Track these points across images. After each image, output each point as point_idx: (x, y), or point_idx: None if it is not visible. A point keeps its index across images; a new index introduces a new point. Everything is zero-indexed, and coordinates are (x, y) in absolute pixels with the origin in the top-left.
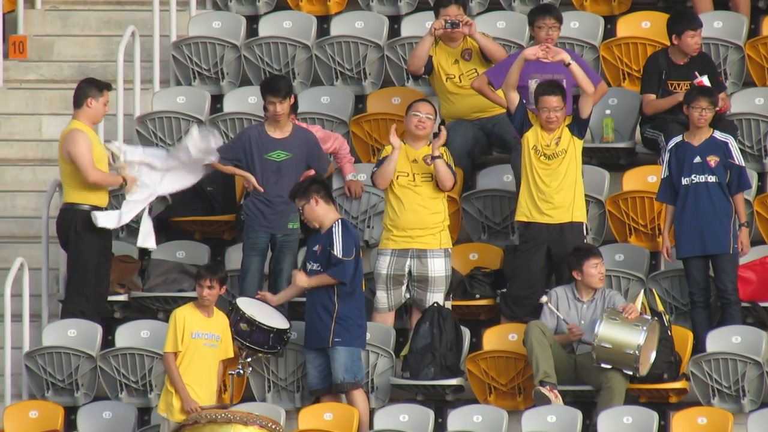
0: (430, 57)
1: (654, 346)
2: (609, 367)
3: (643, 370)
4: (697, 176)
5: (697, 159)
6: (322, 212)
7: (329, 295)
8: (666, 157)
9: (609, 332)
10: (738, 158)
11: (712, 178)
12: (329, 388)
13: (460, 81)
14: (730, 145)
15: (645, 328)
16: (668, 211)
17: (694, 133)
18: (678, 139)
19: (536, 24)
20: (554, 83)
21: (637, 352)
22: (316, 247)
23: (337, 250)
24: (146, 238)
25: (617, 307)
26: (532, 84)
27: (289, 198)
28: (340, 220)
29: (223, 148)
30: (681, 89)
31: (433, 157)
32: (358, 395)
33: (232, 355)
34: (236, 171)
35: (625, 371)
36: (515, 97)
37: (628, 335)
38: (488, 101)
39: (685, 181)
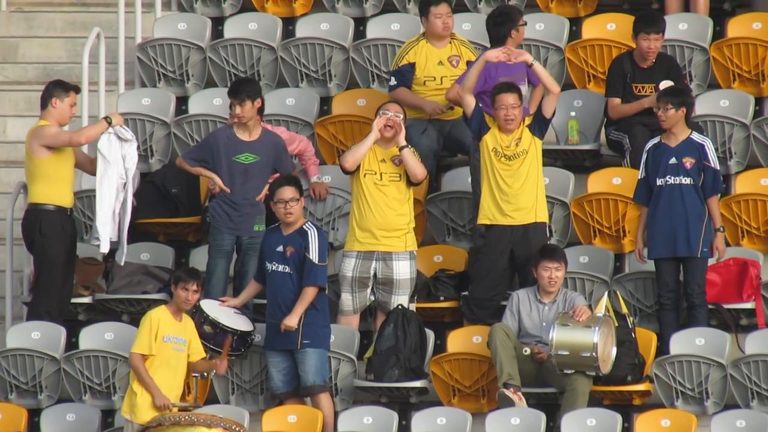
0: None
1: (613, 342)
2: (572, 372)
3: (605, 368)
4: (672, 177)
5: (673, 160)
6: (301, 211)
7: (294, 296)
8: (643, 158)
9: (563, 338)
10: (713, 161)
11: (686, 180)
12: (294, 391)
13: (441, 83)
14: (706, 147)
15: (597, 327)
16: (643, 213)
17: (670, 135)
18: (656, 140)
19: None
20: (510, 83)
21: (594, 353)
22: (281, 248)
23: (314, 256)
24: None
25: (568, 311)
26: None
27: (294, 187)
28: (313, 224)
29: (191, 149)
30: (646, 92)
31: (401, 148)
32: (325, 398)
33: (203, 356)
34: (203, 172)
35: (588, 373)
36: (471, 101)
37: (582, 338)
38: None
39: (659, 182)
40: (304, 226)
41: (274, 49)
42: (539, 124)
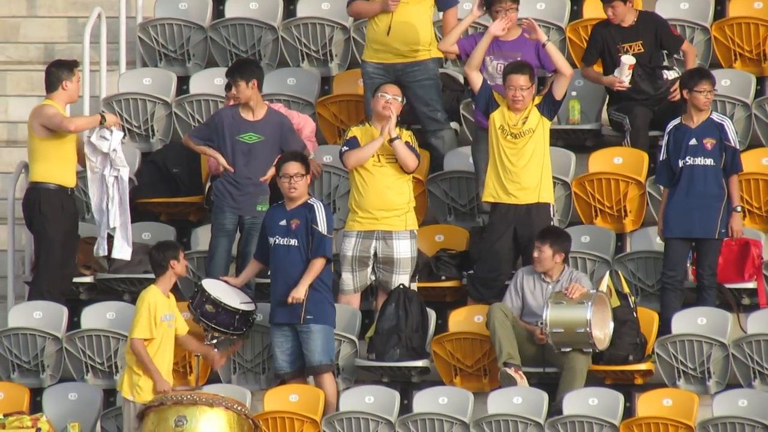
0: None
1: (609, 317)
2: (569, 349)
3: (602, 345)
4: (692, 158)
5: (693, 141)
6: (306, 188)
7: (301, 269)
8: (665, 139)
9: (557, 316)
10: (734, 140)
11: (707, 161)
12: (298, 371)
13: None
14: (726, 126)
15: (590, 302)
16: (664, 194)
17: (691, 116)
18: (676, 121)
19: (494, 8)
20: (523, 63)
21: (587, 328)
22: (284, 222)
23: (322, 227)
24: (121, 248)
25: (562, 289)
26: (489, 62)
27: (300, 163)
28: (316, 200)
29: (197, 128)
30: (634, 51)
31: (391, 140)
32: (329, 377)
33: (187, 330)
34: (207, 151)
35: (585, 350)
36: (478, 78)
37: (575, 315)
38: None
39: (680, 163)
40: (308, 201)
41: (275, 28)
42: (549, 105)
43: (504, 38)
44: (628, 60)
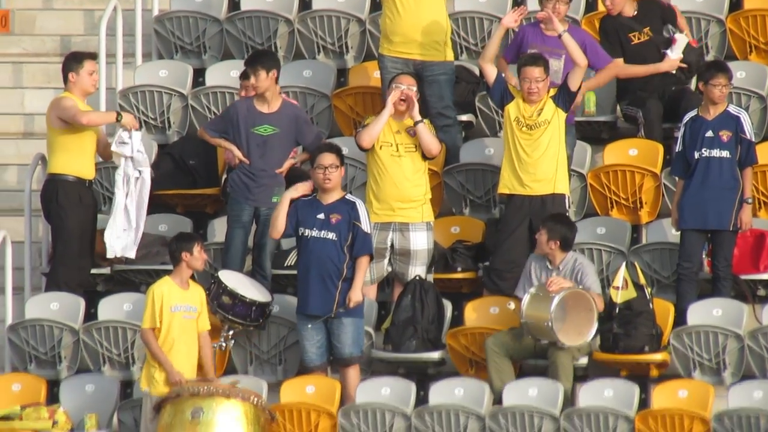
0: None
1: (590, 317)
2: (546, 342)
3: (569, 341)
4: (708, 150)
5: (710, 133)
6: (340, 180)
7: (336, 262)
8: (681, 131)
9: (530, 307)
10: (749, 132)
11: (723, 153)
12: (326, 364)
13: None
14: (742, 119)
15: (558, 296)
16: (679, 185)
17: (708, 108)
18: (693, 113)
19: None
20: (537, 55)
21: (549, 323)
22: (323, 216)
23: (365, 226)
24: (126, 247)
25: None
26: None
27: (335, 155)
28: (355, 197)
29: (212, 120)
30: (642, 39)
31: (415, 122)
32: (355, 369)
33: (209, 327)
34: (222, 143)
35: (559, 345)
36: (492, 71)
37: (543, 307)
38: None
39: (696, 155)
40: (347, 197)
41: (290, 21)
42: (564, 97)
43: (551, 33)
44: (682, 38)
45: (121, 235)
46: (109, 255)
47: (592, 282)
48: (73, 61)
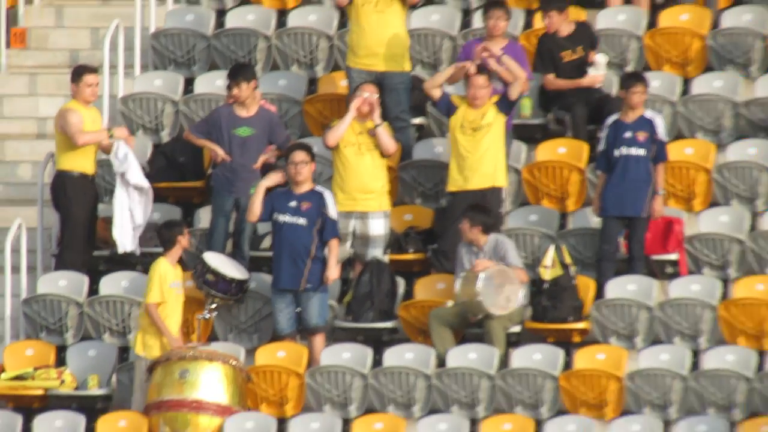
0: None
1: (515, 287)
2: (480, 316)
3: (500, 310)
4: (627, 149)
5: (629, 134)
6: (310, 174)
7: (306, 243)
8: (604, 132)
9: (461, 288)
10: (662, 134)
11: (640, 151)
12: (295, 332)
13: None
14: (656, 122)
15: (484, 274)
16: (601, 178)
17: (627, 112)
18: (615, 117)
19: (485, 15)
20: (481, 66)
21: (479, 297)
22: (295, 203)
23: (332, 213)
24: (125, 241)
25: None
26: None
27: (305, 152)
28: (323, 188)
29: (197, 124)
30: (575, 56)
31: (376, 125)
32: (321, 337)
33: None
34: (206, 143)
35: (491, 315)
36: (437, 93)
37: (472, 285)
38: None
39: (617, 153)
40: (316, 188)
41: (268, 37)
42: (505, 104)
43: (495, 44)
44: (603, 58)
45: (130, 233)
46: (120, 251)
47: (512, 257)
48: (75, 74)
